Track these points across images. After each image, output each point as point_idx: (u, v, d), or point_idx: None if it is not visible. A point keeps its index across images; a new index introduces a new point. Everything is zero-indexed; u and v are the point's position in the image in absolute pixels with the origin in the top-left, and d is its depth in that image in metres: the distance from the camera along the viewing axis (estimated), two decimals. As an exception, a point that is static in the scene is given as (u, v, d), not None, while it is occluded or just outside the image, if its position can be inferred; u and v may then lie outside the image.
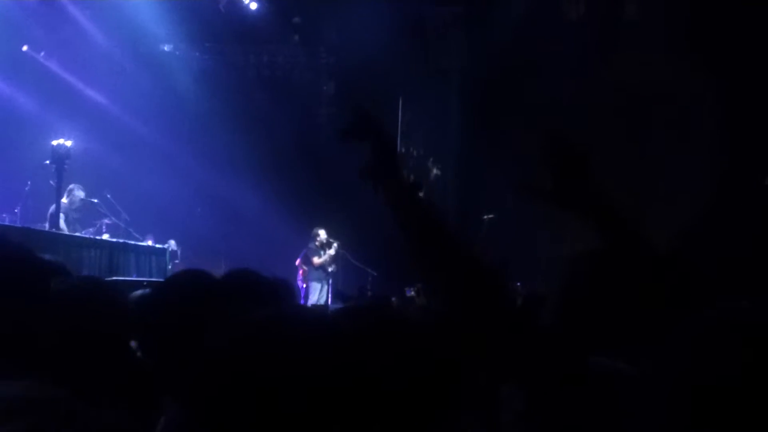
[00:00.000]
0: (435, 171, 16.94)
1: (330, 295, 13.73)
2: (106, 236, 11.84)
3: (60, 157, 9.94)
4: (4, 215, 11.75)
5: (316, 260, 13.72)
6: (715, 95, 13.11)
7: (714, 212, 12.46)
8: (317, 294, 13.74)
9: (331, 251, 13.89)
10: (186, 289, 2.37)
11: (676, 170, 13.45)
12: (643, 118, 14.15)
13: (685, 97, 13.48)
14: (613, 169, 14.56)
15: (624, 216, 2.01)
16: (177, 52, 16.20)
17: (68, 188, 11.23)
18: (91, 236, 11.42)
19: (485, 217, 13.40)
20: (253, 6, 14.92)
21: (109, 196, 12.36)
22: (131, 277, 10.17)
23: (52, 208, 10.66)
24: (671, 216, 12.60)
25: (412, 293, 10.48)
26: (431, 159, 16.85)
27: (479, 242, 12.51)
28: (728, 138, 13.02)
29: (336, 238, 14.06)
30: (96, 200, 11.94)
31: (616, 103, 14.33)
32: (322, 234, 13.88)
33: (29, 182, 12.01)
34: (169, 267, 12.44)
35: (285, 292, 3.17)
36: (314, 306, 11.73)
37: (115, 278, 8.89)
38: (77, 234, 11.04)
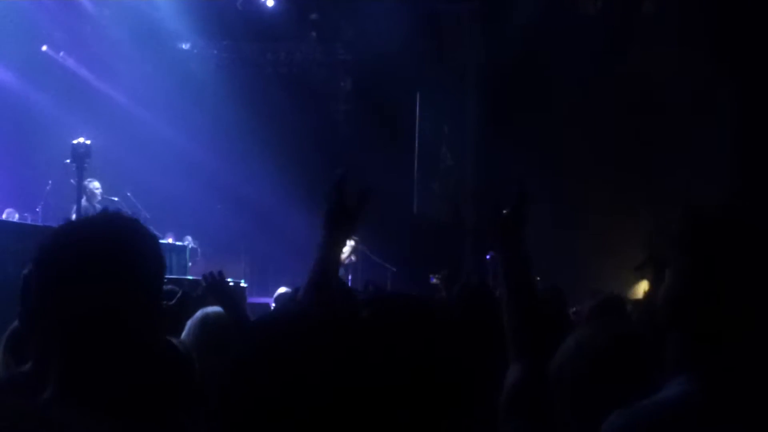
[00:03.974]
0: (449, 161, 16.95)
1: None
2: None
3: (80, 155, 9.96)
4: (25, 214, 11.85)
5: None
6: (730, 87, 13.06)
7: (731, 200, 12.41)
8: (338, 290, 13.70)
9: (351, 243, 13.88)
10: None
11: (692, 161, 13.41)
12: (659, 111, 14.11)
13: (701, 88, 13.41)
14: (630, 159, 14.58)
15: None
16: (195, 50, 16.27)
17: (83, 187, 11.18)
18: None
19: (504, 212, 13.39)
20: (270, 3, 14.95)
21: (129, 194, 12.43)
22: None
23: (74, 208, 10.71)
24: (690, 202, 12.56)
25: (436, 280, 10.51)
26: (449, 154, 16.86)
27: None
28: (744, 129, 12.97)
29: (354, 234, 14.07)
30: (116, 198, 12.01)
31: (632, 95, 14.30)
32: (344, 229, 13.86)
33: (50, 181, 12.10)
34: (189, 265, 12.50)
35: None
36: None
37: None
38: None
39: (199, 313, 3.80)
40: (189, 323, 3.77)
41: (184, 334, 3.69)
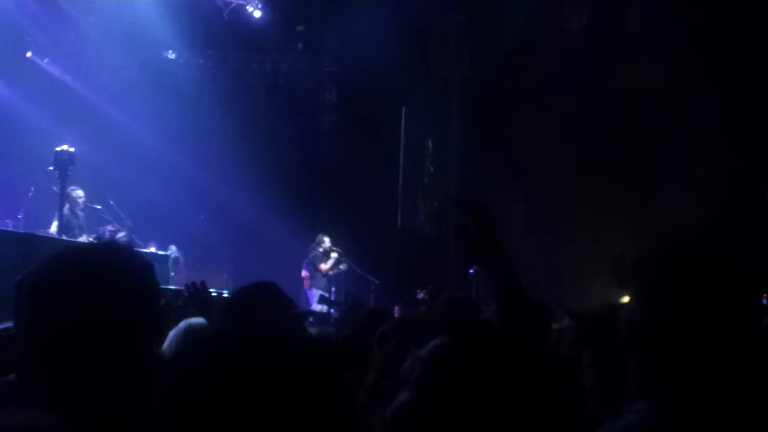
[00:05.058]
0: (433, 175, 16.98)
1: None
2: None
3: (63, 163, 9.92)
4: (7, 221, 11.73)
5: (323, 267, 13.66)
6: (715, 102, 13.15)
7: (717, 212, 12.50)
8: (322, 301, 13.66)
9: (335, 255, 13.85)
10: None
11: (678, 174, 13.48)
12: (645, 125, 14.19)
13: (686, 103, 13.49)
14: (616, 172, 14.64)
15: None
16: (180, 60, 16.24)
17: (66, 195, 11.08)
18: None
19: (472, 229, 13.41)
20: (257, 14, 14.94)
21: (112, 202, 12.34)
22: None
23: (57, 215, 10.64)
24: (673, 213, 12.63)
25: (423, 295, 10.53)
26: (433, 168, 16.89)
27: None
28: (729, 142, 13.06)
29: (338, 246, 14.04)
30: (99, 207, 11.93)
31: (617, 109, 14.38)
32: (327, 240, 13.85)
33: (32, 188, 11.99)
34: (172, 274, 12.41)
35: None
36: (317, 313, 11.66)
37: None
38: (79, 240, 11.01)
39: (182, 324, 3.76)
40: (171, 333, 3.72)
41: (165, 344, 3.64)
